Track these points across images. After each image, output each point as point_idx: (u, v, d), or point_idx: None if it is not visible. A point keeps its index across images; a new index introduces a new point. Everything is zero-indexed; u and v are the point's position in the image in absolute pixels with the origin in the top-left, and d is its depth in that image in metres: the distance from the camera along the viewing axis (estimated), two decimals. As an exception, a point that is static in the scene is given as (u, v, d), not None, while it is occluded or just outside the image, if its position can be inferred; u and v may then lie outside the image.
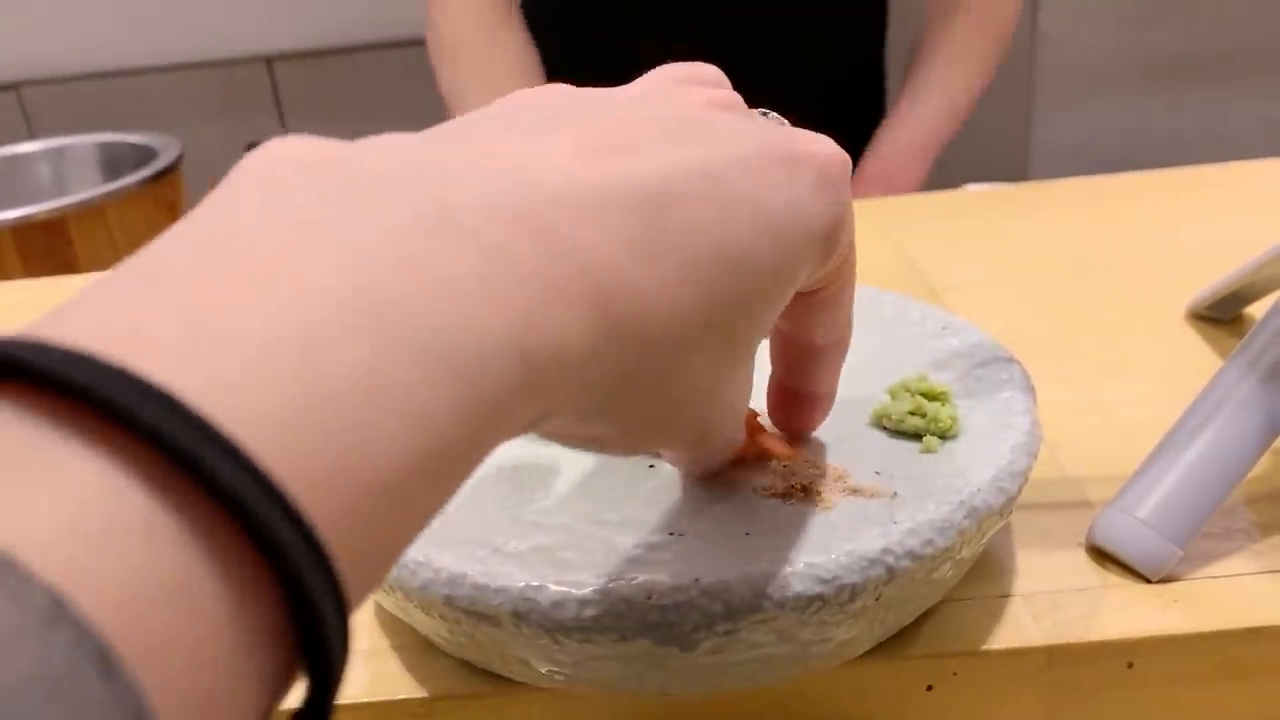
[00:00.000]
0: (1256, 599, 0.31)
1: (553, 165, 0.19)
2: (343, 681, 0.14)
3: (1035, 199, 0.66)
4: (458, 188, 0.17)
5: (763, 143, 0.22)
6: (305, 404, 0.13)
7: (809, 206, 0.22)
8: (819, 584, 0.26)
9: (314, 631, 0.13)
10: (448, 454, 0.15)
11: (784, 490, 0.30)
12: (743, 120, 0.23)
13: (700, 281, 0.20)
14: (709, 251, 0.20)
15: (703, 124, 0.22)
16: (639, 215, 0.19)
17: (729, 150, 0.21)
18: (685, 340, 0.20)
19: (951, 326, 0.37)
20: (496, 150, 0.19)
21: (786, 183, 0.22)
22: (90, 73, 1.53)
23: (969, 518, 0.28)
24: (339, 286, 0.15)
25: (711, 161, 0.21)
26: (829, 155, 0.23)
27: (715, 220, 0.20)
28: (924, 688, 0.30)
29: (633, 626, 0.26)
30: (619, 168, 0.19)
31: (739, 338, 0.22)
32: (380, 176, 0.17)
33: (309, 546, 0.13)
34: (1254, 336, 0.34)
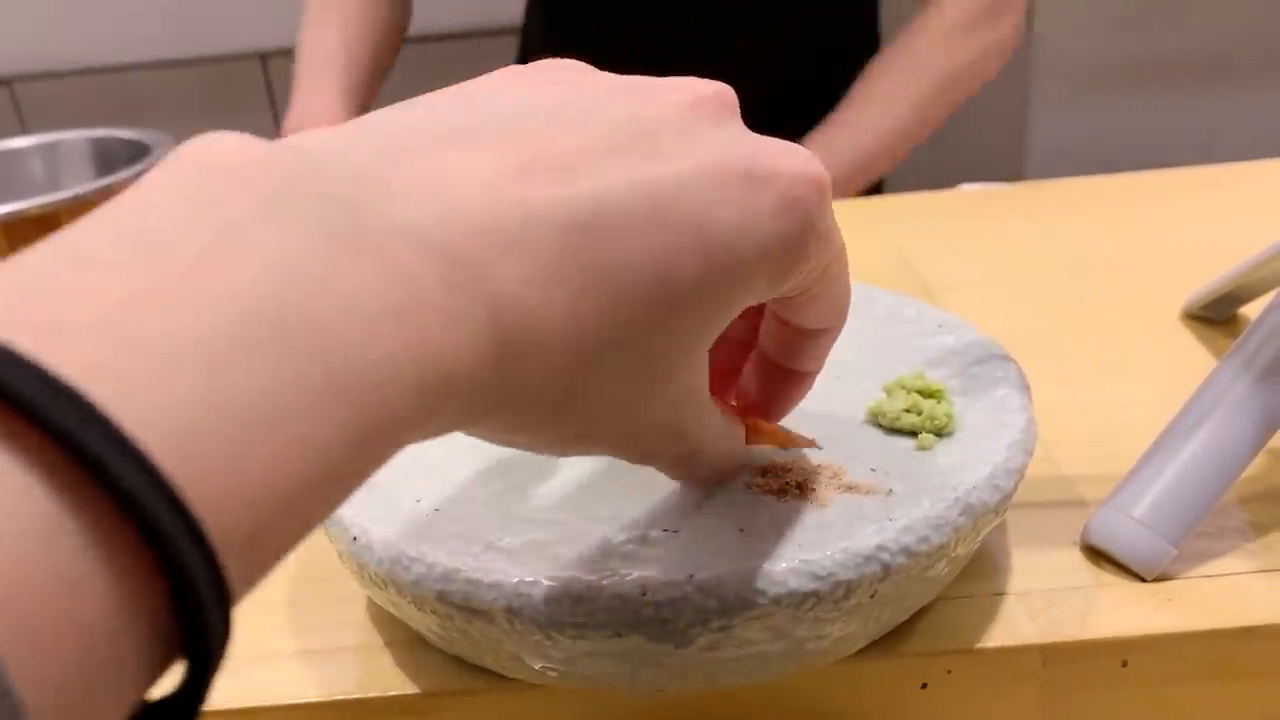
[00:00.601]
0: (1250, 598, 0.31)
1: (484, 185, 0.19)
2: (219, 670, 0.15)
3: (1030, 199, 0.66)
4: (380, 208, 0.17)
5: (722, 158, 0.21)
6: (207, 414, 0.14)
7: (764, 226, 0.21)
8: (814, 580, 0.26)
9: (196, 623, 0.14)
10: (339, 469, 0.16)
11: (779, 487, 0.29)
12: (711, 129, 0.22)
13: (617, 307, 0.20)
14: (631, 275, 0.20)
15: (664, 133, 0.21)
16: (561, 242, 0.19)
17: (681, 166, 0.21)
18: (593, 364, 0.20)
19: (947, 325, 0.37)
20: (430, 165, 0.19)
21: (740, 202, 0.21)
22: (84, 68, 1.53)
23: (964, 515, 0.28)
24: (253, 298, 0.15)
25: (657, 180, 0.20)
26: (796, 173, 0.22)
27: (646, 244, 0.20)
28: (919, 685, 0.30)
29: (627, 623, 0.25)
30: (553, 190, 0.19)
31: (659, 358, 0.21)
32: (308, 187, 0.17)
33: (196, 544, 0.13)
34: (1248, 336, 0.34)
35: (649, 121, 0.21)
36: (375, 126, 0.20)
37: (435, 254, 0.17)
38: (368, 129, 0.20)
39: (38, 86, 1.54)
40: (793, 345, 0.28)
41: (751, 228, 0.21)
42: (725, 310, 0.22)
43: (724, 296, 0.22)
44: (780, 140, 0.23)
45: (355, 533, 0.28)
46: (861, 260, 0.56)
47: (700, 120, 0.22)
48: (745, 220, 0.21)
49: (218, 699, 0.30)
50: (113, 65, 1.52)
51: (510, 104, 0.21)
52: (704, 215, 0.21)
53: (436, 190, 0.18)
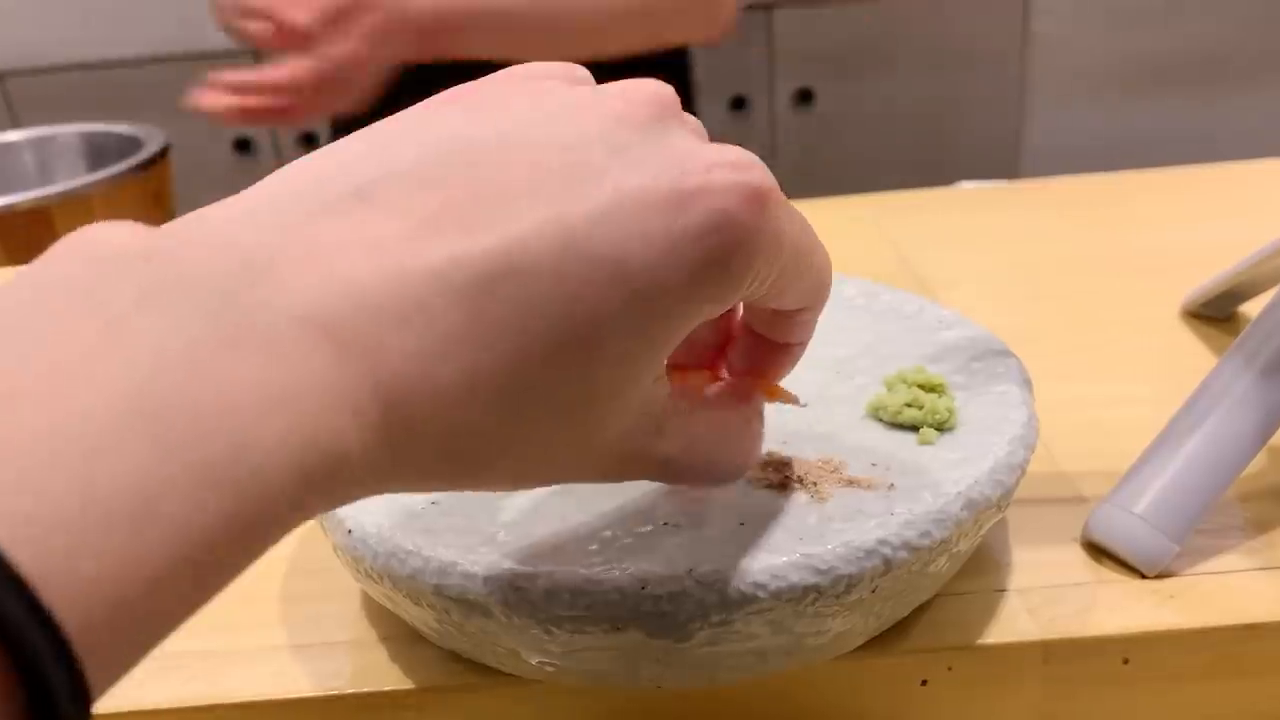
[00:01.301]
0: (1252, 595, 0.31)
1: (381, 251, 0.18)
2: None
3: (1029, 197, 0.65)
4: (265, 294, 0.17)
5: (646, 180, 0.20)
6: (76, 512, 0.14)
7: (691, 251, 0.20)
8: (815, 575, 0.25)
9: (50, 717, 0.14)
10: (215, 560, 0.16)
11: (780, 481, 0.29)
12: (642, 144, 0.21)
13: (525, 359, 0.19)
14: (542, 324, 0.19)
15: (591, 158, 0.20)
16: (461, 302, 0.18)
17: (600, 198, 0.20)
18: (505, 418, 0.19)
19: (948, 320, 0.37)
20: (324, 234, 0.18)
21: (664, 228, 0.20)
22: (76, 63, 1.52)
23: (966, 510, 0.28)
24: (128, 394, 0.15)
25: (572, 218, 0.19)
26: (726, 186, 0.20)
27: (556, 291, 0.19)
28: (919, 682, 0.30)
29: (626, 616, 0.25)
30: (456, 245, 0.18)
31: (591, 397, 0.20)
32: (192, 277, 0.17)
33: (52, 643, 0.13)
34: (1250, 333, 0.34)
35: (577, 147, 0.20)
36: (276, 192, 0.19)
37: (320, 336, 0.17)
38: (266, 197, 0.19)
39: (30, 81, 1.53)
40: (775, 323, 0.27)
41: (677, 255, 0.20)
42: (664, 339, 0.21)
43: (657, 328, 0.20)
44: (717, 146, 0.22)
45: (350, 525, 0.28)
46: (859, 257, 0.56)
47: (632, 132, 0.21)
48: (669, 248, 0.20)
49: (211, 693, 0.30)
50: (105, 60, 1.51)
51: (432, 143, 0.20)
52: (622, 250, 0.19)
53: (328, 264, 0.18)
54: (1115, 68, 1.67)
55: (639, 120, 0.21)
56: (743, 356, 0.28)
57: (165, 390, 0.15)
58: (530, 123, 0.21)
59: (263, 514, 0.16)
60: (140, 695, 0.30)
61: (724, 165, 0.21)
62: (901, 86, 1.70)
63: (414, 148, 0.20)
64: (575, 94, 0.22)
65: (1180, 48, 1.66)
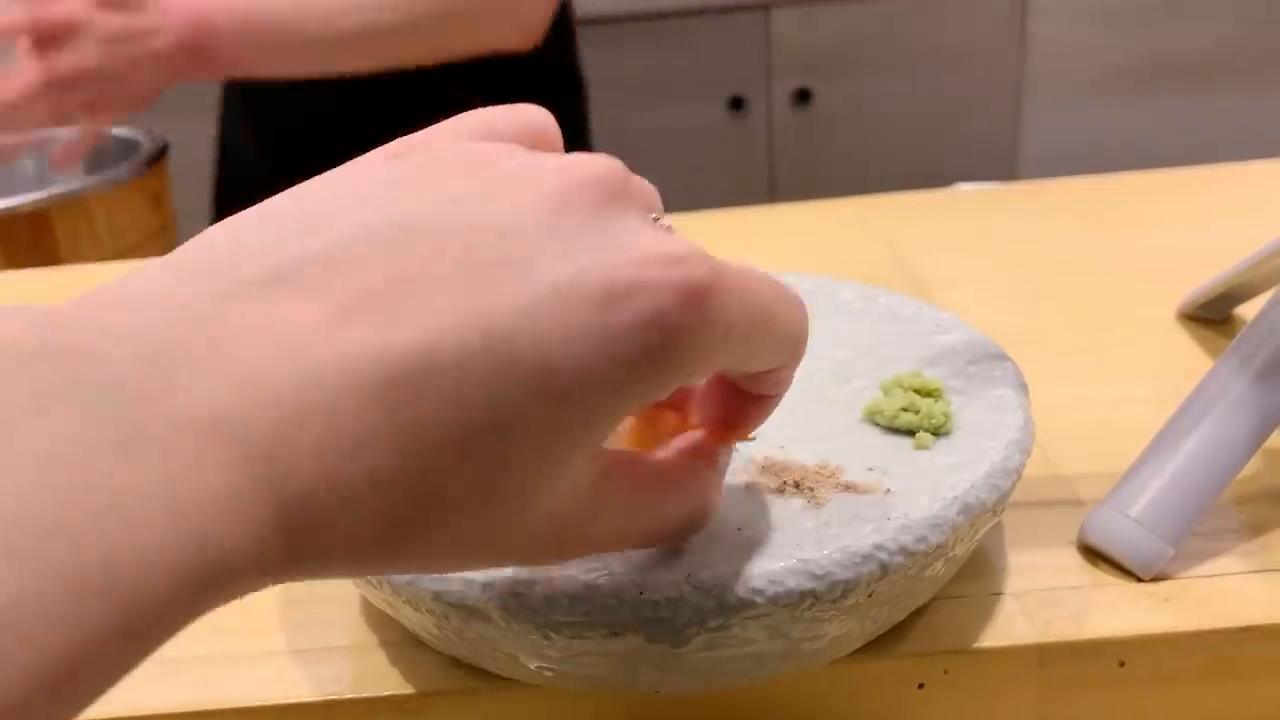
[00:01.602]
0: (1247, 598, 0.31)
1: (290, 343, 0.17)
2: None
3: (1026, 199, 0.66)
4: (163, 395, 0.16)
5: (578, 273, 0.19)
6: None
7: (623, 350, 0.19)
8: (812, 580, 0.26)
9: None
10: (96, 671, 0.15)
11: (776, 486, 0.29)
12: (579, 231, 0.20)
13: (439, 458, 0.18)
14: (460, 423, 0.18)
15: (521, 244, 0.19)
16: (376, 404, 0.17)
17: (527, 290, 0.19)
18: (416, 516, 0.18)
19: (944, 324, 0.37)
20: (235, 326, 0.17)
21: (593, 327, 0.19)
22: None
23: (962, 514, 0.28)
24: (10, 501, 0.14)
25: (496, 313, 0.18)
26: (663, 283, 0.19)
27: (476, 390, 0.18)
28: (915, 686, 0.30)
29: (624, 622, 0.25)
30: (371, 337, 0.18)
31: (514, 491, 0.19)
32: (88, 377, 0.16)
33: None
34: (1246, 336, 0.34)
35: (508, 232, 0.19)
36: (193, 265, 0.19)
37: (219, 438, 0.16)
38: (180, 273, 0.18)
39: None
40: (748, 377, 0.25)
41: (605, 354, 0.19)
42: (592, 433, 0.20)
43: (583, 423, 0.19)
44: (659, 236, 0.21)
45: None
46: (856, 259, 0.56)
47: (569, 217, 0.20)
48: (597, 347, 0.19)
49: (210, 698, 0.30)
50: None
51: (357, 220, 0.19)
52: (546, 348, 0.18)
53: (234, 359, 0.17)
54: (1112, 69, 1.67)
55: (579, 204, 0.20)
56: (712, 405, 0.26)
57: (46, 501, 0.15)
58: (461, 201, 0.20)
59: (149, 620, 0.16)
60: (139, 700, 0.30)
61: (661, 260, 0.19)
62: (899, 87, 1.70)
63: (338, 223, 0.19)
64: (513, 168, 0.21)
65: (1177, 49, 1.66)
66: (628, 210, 0.21)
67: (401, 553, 0.19)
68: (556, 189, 0.20)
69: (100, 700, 0.15)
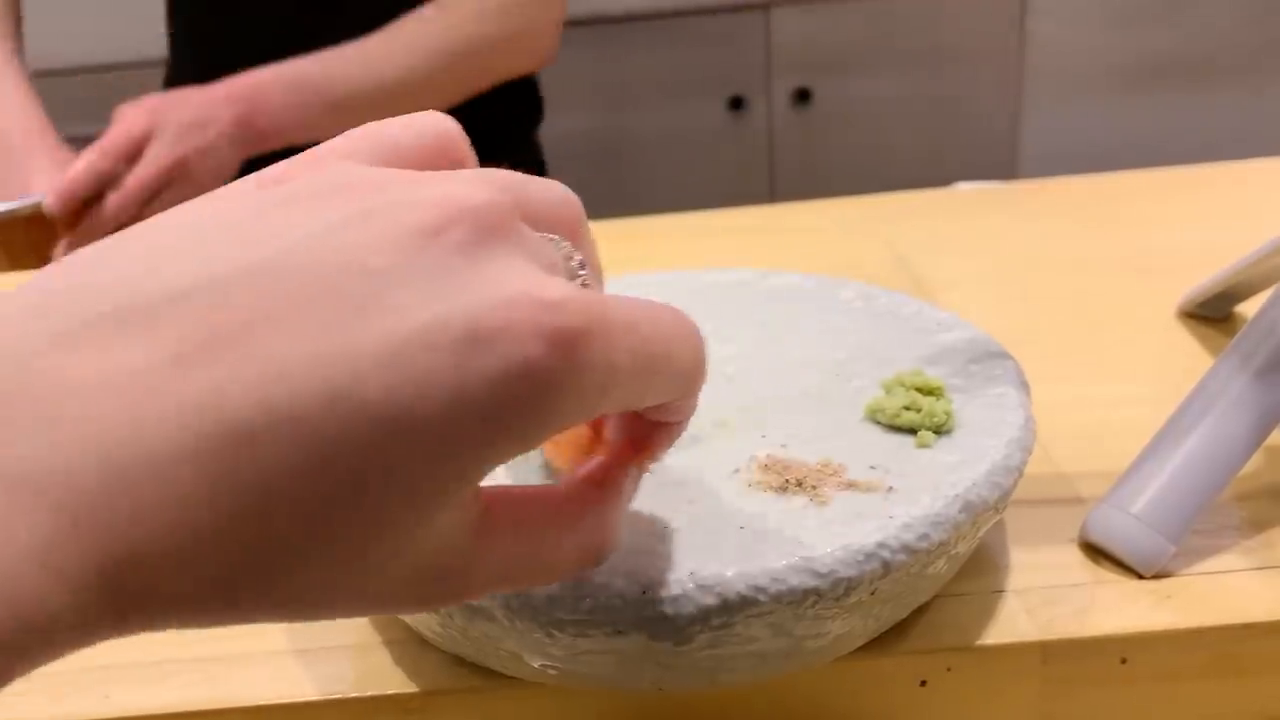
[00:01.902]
0: (1248, 595, 0.31)
1: (127, 395, 0.16)
2: None
3: (1026, 198, 0.66)
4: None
5: (438, 317, 0.17)
6: None
7: (484, 401, 0.17)
8: (814, 578, 0.26)
9: None
10: None
11: (779, 485, 0.29)
12: (443, 270, 0.18)
13: (275, 519, 0.17)
14: (305, 480, 0.17)
15: (378, 284, 0.18)
16: (210, 461, 0.16)
17: (381, 336, 0.17)
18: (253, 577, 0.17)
19: (945, 322, 0.37)
20: (68, 372, 0.16)
21: (453, 376, 0.17)
22: (77, 66, 1.52)
23: (964, 512, 0.28)
24: None
25: (345, 358, 0.17)
26: (532, 328, 0.18)
27: (321, 445, 0.17)
28: (917, 683, 0.30)
29: (627, 620, 0.25)
30: (209, 391, 0.16)
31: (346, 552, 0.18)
32: None
33: None
34: (1246, 334, 0.34)
35: (366, 272, 0.18)
36: (34, 302, 0.17)
37: (34, 493, 0.15)
38: (19, 311, 0.17)
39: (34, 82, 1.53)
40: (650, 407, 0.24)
41: (466, 405, 0.17)
42: (460, 482, 0.18)
43: (446, 474, 0.18)
44: (538, 277, 0.19)
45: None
46: (856, 259, 0.57)
47: (437, 254, 0.18)
48: (456, 397, 0.17)
49: (215, 698, 0.30)
50: (105, 64, 1.51)
51: (204, 258, 0.18)
52: (399, 399, 0.17)
53: (56, 409, 0.16)
54: (1112, 67, 1.67)
55: (451, 239, 0.18)
56: (618, 429, 0.25)
57: None
58: (321, 237, 0.18)
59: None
60: (144, 700, 0.30)
61: (534, 303, 0.18)
62: (899, 87, 1.70)
63: (186, 261, 0.18)
64: (386, 199, 0.19)
65: (1176, 47, 1.66)
66: (508, 246, 0.19)
67: (244, 606, 0.18)
68: (428, 223, 0.18)
69: (103, 699, 0.15)
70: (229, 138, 0.78)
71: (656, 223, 0.66)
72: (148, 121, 0.75)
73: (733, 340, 0.39)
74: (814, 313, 0.40)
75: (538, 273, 0.19)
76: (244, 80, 0.80)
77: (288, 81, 0.80)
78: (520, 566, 0.22)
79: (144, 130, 0.75)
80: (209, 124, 0.77)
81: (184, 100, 0.78)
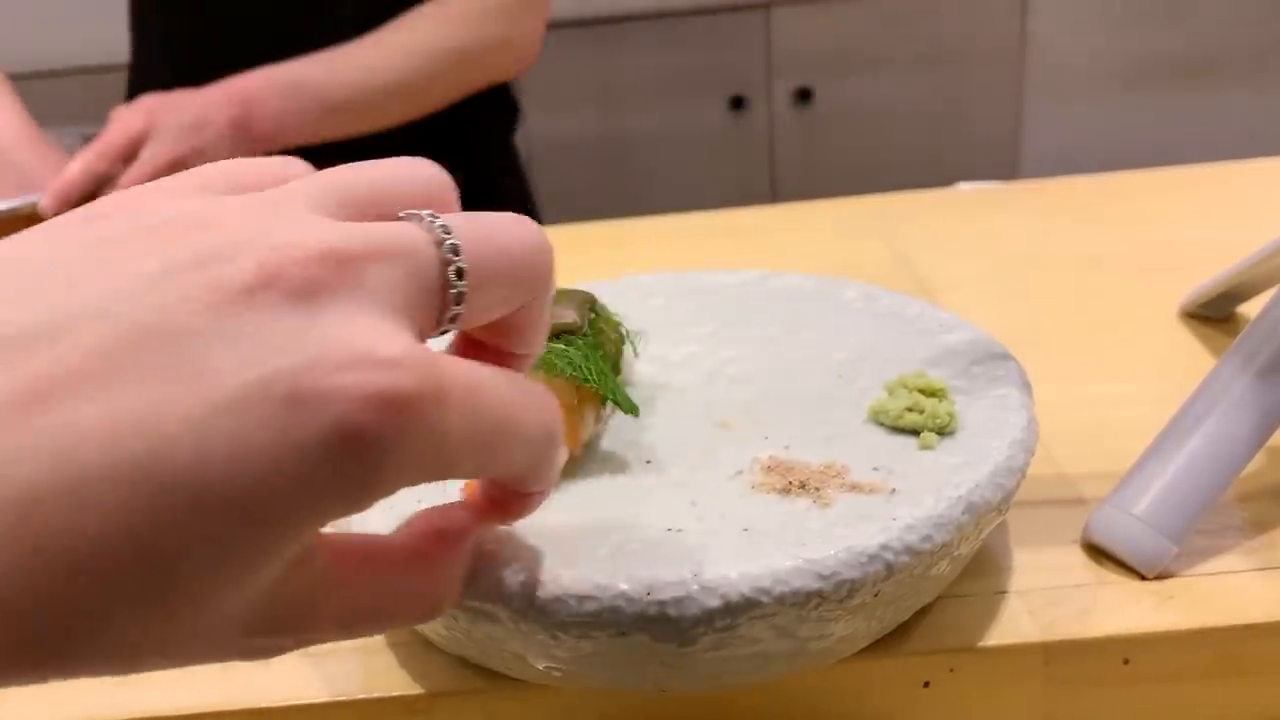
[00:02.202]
0: (1251, 596, 0.31)
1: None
2: None
3: (1028, 198, 0.66)
4: None
5: (259, 380, 0.16)
6: None
7: (304, 468, 0.17)
8: (818, 580, 0.26)
9: None
10: None
11: (782, 487, 0.30)
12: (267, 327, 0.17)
13: (84, 585, 0.16)
14: (109, 549, 0.16)
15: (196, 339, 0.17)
16: (12, 517, 0.15)
17: (198, 398, 0.16)
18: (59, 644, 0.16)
19: (947, 323, 0.38)
20: None
21: (272, 441, 0.16)
22: (77, 67, 1.52)
23: (967, 514, 0.28)
24: None
25: (158, 425, 0.16)
26: (361, 393, 0.17)
27: (123, 513, 0.16)
28: (921, 684, 0.30)
29: (631, 622, 0.25)
30: (11, 445, 0.15)
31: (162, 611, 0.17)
32: None
33: None
34: (1248, 334, 0.34)
35: (187, 329, 0.17)
36: None
37: None
38: None
39: (28, 86, 1.53)
40: None
41: (285, 471, 0.16)
42: (282, 546, 0.17)
43: (269, 539, 0.17)
44: (375, 335, 0.18)
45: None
46: (857, 259, 0.57)
47: (263, 311, 0.17)
48: (275, 463, 0.16)
49: (222, 699, 0.30)
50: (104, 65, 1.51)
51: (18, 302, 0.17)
52: (212, 465, 0.16)
53: None
54: (1112, 67, 1.67)
55: (278, 293, 0.17)
56: (482, 485, 0.24)
57: None
58: (138, 286, 0.17)
59: None
60: (152, 702, 0.30)
61: (363, 363, 0.17)
62: (900, 86, 1.70)
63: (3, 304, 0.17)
64: (214, 244, 0.18)
65: (1178, 47, 1.66)
66: (344, 294, 0.18)
67: (51, 666, 0.17)
68: (249, 276, 0.17)
69: (110, 701, 0.15)
70: (225, 139, 0.78)
71: (657, 223, 0.66)
72: (145, 122, 0.75)
73: (735, 342, 0.39)
74: (816, 314, 0.40)
75: (378, 323, 0.18)
76: (241, 82, 0.80)
77: (284, 84, 0.80)
78: (358, 615, 0.21)
79: (141, 131, 0.75)
80: (206, 125, 0.77)
81: (181, 101, 0.78)
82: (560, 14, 1.18)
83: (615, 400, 0.33)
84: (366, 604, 0.21)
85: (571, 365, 0.32)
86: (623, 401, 0.33)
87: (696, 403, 0.36)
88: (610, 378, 0.33)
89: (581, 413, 0.32)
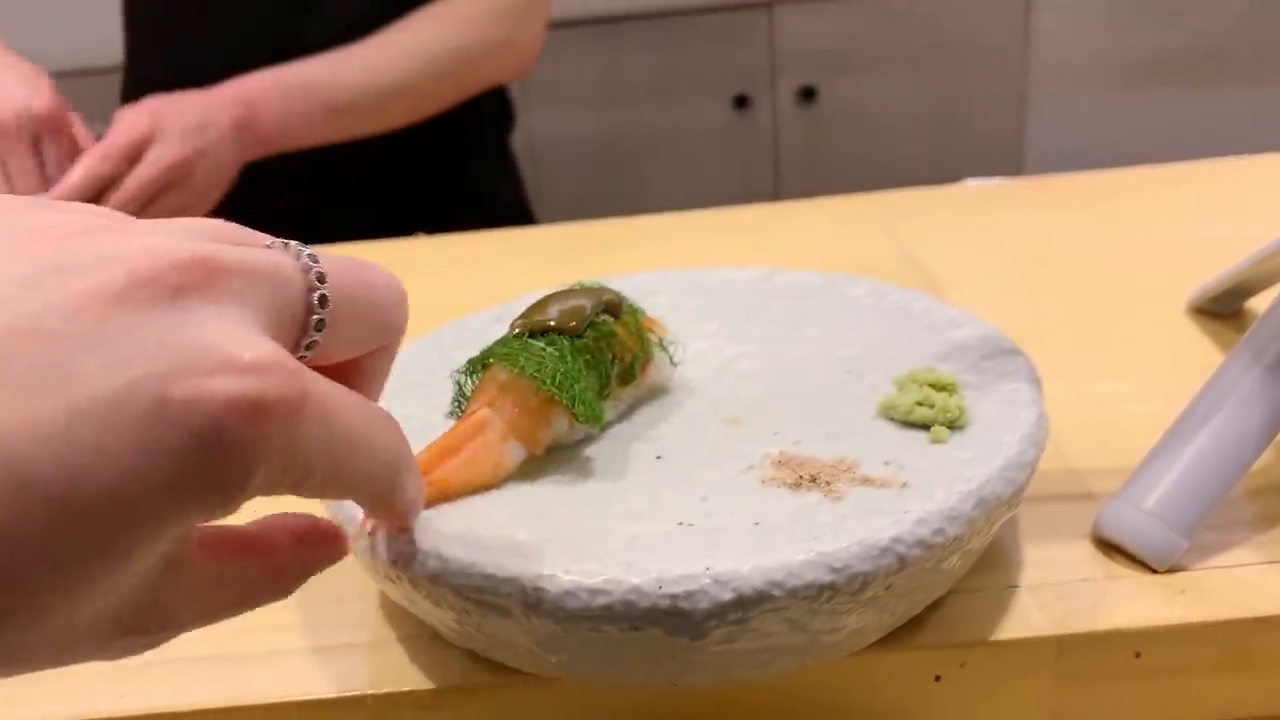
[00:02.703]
0: (1261, 589, 0.31)
1: None
2: None
3: (1036, 194, 0.66)
4: None
5: (128, 384, 0.17)
6: None
7: (165, 471, 0.17)
8: (830, 573, 0.26)
9: None
10: None
11: (794, 481, 0.30)
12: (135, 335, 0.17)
13: None
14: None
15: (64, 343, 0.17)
16: None
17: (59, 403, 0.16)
18: None
19: (956, 319, 0.38)
20: None
21: (134, 446, 0.16)
22: (76, 69, 1.52)
23: (978, 508, 0.28)
24: None
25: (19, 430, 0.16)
26: (227, 398, 0.17)
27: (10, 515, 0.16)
28: (932, 678, 0.30)
29: (643, 615, 0.25)
30: None
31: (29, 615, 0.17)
32: None
33: None
34: (1257, 329, 0.34)
35: (52, 333, 0.17)
36: None
37: None
38: None
39: (35, 86, 1.53)
40: None
41: (146, 475, 0.17)
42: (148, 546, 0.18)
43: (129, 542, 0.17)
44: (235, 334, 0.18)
45: (369, 528, 0.28)
46: (864, 256, 0.57)
47: (130, 316, 0.17)
48: (135, 467, 0.16)
49: (231, 696, 0.30)
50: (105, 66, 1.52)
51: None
52: (74, 471, 0.16)
53: None
54: (1118, 63, 1.67)
55: (145, 297, 0.18)
56: None
57: None
58: (5, 289, 0.17)
59: None
60: (160, 699, 0.30)
61: (229, 369, 0.17)
62: (904, 84, 1.70)
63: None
64: (77, 251, 0.18)
65: (1183, 43, 1.65)
66: (211, 297, 0.18)
67: None
68: (120, 280, 0.17)
69: (119, 698, 0.15)
70: (229, 140, 0.78)
71: (662, 222, 0.66)
72: (149, 124, 0.75)
73: (743, 339, 0.39)
74: (824, 310, 0.40)
75: (244, 329, 0.18)
76: (244, 83, 0.80)
77: (289, 86, 0.80)
78: (221, 603, 0.21)
79: (145, 133, 0.75)
80: (209, 126, 0.77)
81: (185, 103, 0.78)
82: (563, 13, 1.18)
83: (571, 408, 0.31)
84: (230, 593, 0.21)
85: (537, 365, 0.31)
86: (579, 411, 0.31)
87: (705, 399, 0.36)
88: (577, 384, 0.31)
89: (546, 415, 0.31)
